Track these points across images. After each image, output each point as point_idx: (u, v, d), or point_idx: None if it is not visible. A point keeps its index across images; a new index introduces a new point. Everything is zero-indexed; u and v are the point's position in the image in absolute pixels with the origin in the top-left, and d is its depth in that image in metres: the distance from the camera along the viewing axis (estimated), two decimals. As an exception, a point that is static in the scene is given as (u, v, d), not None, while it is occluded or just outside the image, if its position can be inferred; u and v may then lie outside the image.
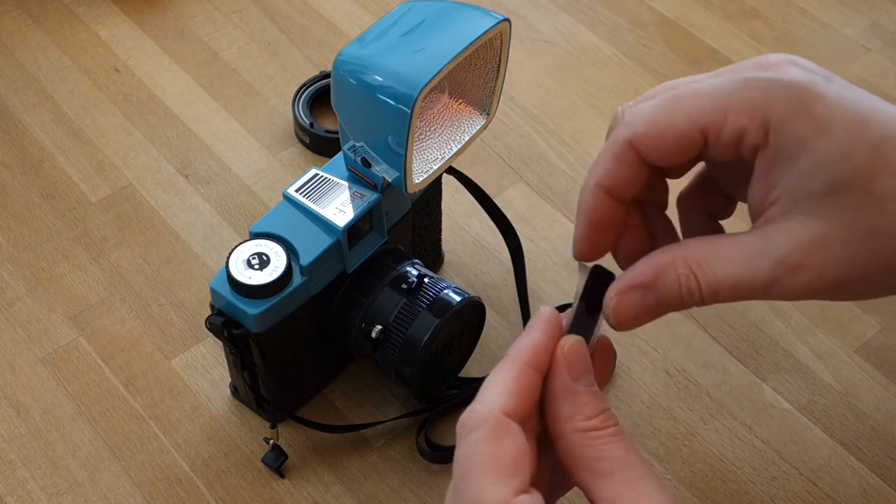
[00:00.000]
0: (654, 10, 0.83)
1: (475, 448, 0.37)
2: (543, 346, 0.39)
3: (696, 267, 0.38)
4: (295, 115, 0.72)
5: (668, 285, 0.38)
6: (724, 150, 0.38)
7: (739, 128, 0.37)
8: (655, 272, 0.39)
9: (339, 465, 0.57)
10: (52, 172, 0.70)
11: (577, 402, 0.38)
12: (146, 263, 0.65)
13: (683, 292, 0.38)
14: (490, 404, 0.38)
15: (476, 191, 0.62)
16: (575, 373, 0.39)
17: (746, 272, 0.37)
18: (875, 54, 0.80)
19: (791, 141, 0.36)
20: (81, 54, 0.78)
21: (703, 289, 0.38)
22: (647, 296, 0.39)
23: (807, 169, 0.36)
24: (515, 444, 0.37)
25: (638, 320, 0.40)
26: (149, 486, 0.56)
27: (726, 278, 0.37)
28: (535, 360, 0.39)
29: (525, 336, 0.40)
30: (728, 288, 0.37)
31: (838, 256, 0.36)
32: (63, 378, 0.60)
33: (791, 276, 0.36)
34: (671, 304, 0.39)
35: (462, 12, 0.49)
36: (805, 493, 0.56)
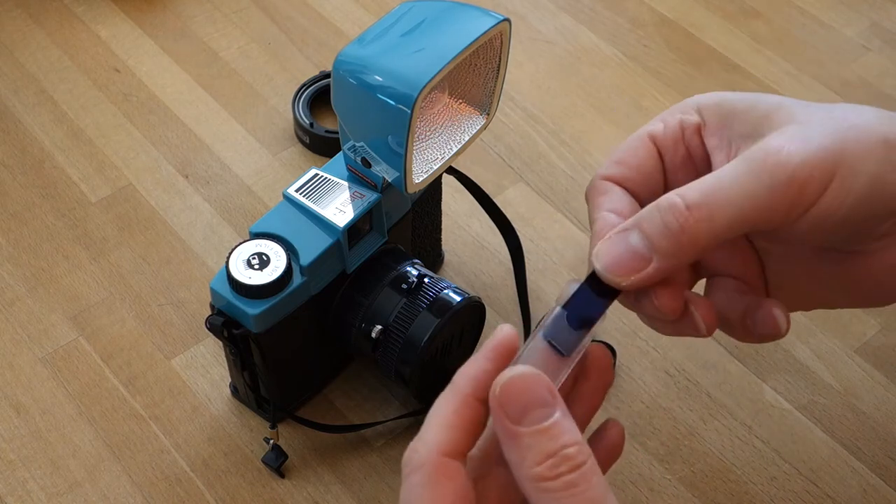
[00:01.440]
0: (654, 10, 0.83)
1: (414, 493, 0.35)
2: (489, 376, 0.36)
3: (678, 190, 0.37)
4: (295, 115, 0.72)
5: (650, 216, 0.37)
6: (675, 150, 0.41)
7: (678, 120, 0.41)
8: (638, 214, 0.38)
9: (339, 465, 0.57)
10: (52, 172, 0.70)
11: (521, 447, 0.34)
12: (146, 263, 0.65)
13: (665, 215, 0.36)
14: (430, 443, 0.36)
15: (476, 191, 0.62)
16: (514, 413, 0.34)
17: (731, 171, 0.36)
18: (875, 54, 0.80)
19: (723, 103, 0.41)
20: (81, 54, 0.78)
21: (686, 198, 0.36)
22: (631, 236, 0.37)
23: (745, 109, 0.40)
24: (453, 488, 0.35)
25: (626, 266, 0.37)
26: (149, 486, 0.56)
27: (709, 183, 0.36)
28: (479, 390, 0.36)
29: (470, 362, 0.37)
30: (716, 193, 0.36)
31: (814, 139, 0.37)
32: (63, 378, 0.60)
33: (776, 155, 0.36)
34: (661, 240, 0.36)
35: (462, 12, 0.49)
36: (805, 493, 0.56)
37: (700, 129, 0.41)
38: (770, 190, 0.36)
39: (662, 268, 0.37)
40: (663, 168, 0.42)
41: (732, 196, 0.36)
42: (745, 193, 0.36)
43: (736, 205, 0.36)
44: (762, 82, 0.78)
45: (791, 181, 0.36)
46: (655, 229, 0.37)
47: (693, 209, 0.36)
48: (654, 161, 0.42)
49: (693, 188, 0.37)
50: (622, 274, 0.37)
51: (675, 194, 0.37)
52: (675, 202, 0.36)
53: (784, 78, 0.78)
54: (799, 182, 0.36)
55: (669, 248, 0.36)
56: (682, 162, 0.42)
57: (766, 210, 0.36)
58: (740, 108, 0.40)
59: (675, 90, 0.77)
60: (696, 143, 0.41)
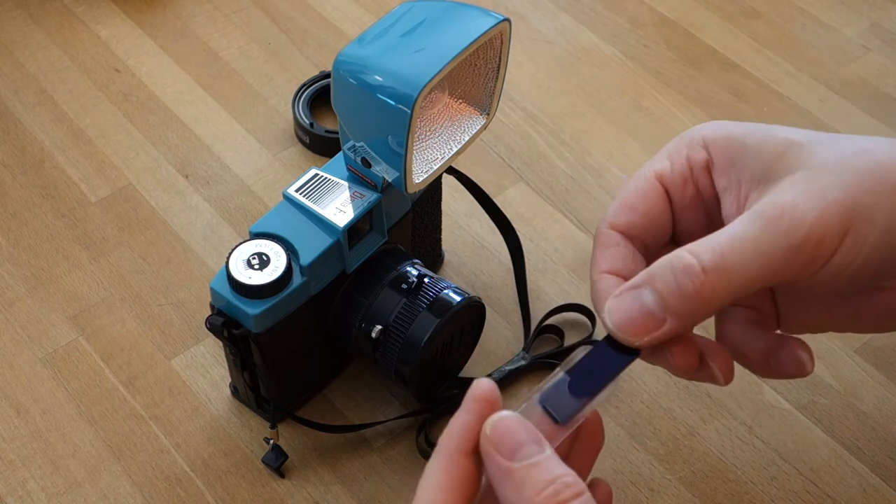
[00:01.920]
0: (654, 10, 0.83)
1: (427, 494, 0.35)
2: (472, 429, 0.36)
3: (690, 248, 0.36)
4: (295, 115, 0.72)
5: (663, 275, 0.36)
6: (684, 190, 0.41)
7: (685, 157, 0.40)
8: (649, 269, 0.37)
9: (339, 465, 0.57)
10: (52, 172, 0.70)
11: (516, 481, 0.34)
12: (146, 263, 0.65)
13: (680, 277, 0.35)
14: (447, 441, 0.36)
15: (476, 191, 0.62)
16: (507, 450, 0.35)
17: (746, 230, 0.36)
18: (875, 54, 0.80)
19: (731, 139, 0.40)
20: (81, 54, 0.78)
21: (702, 260, 0.35)
22: (643, 293, 0.37)
23: (754, 155, 0.38)
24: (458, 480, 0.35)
25: (639, 326, 0.37)
26: (149, 486, 0.56)
27: (724, 244, 0.36)
28: (465, 444, 0.36)
29: (452, 421, 0.36)
30: (732, 254, 0.35)
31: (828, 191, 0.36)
32: (63, 378, 0.60)
33: (791, 212, 0.36)
34: (675, 302, 0.36)
35: (462, 12, 0.49)
36: (805, 493, 0.56)
37: (709, 166, 0.40)
38: (786, 250, 0.35)
39: (676, 328, 0.36)
40: (672, 209, 0.42)
41: (748, 257, 0.35)
42: (761, 254, 0.35)
43: (752, 266, 0.35)
44: (762, 82, 0.78)
45: (807, 240, 0.35)
46: (669, 290, 0.36)
47: (709, 272, 0.35)
48: (662, 204, 0.41)
49: (707, 248, 0.36)
50: (635, 334, 0.37)
51: (690, 254, 0.36)
52: (691, 265, 0.35)
53: (784, 78, 0.78)
54: (815, 240, 0.35)
55: (684, 309, 0.36)
56: (691, 202, 0.41)
57: (782, 269, 0.36)
58: (750, 146, 0.39)
59: (675, 90, 0.77)
60: (706, 182, 0.41)
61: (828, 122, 0.75)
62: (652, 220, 0.41)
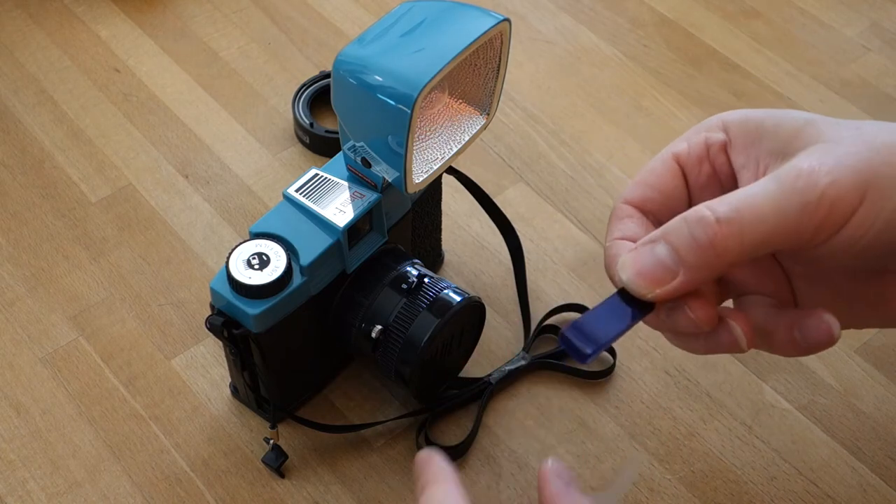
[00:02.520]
0: (654, 10, 0.83)
1: None
2: None
3: (707, 203, 0.36)
4: (295, 115, 0.72)
5: (677, 228, 0.36)
6: (700, 168, 0.41)
7: (703, 138, 0.41)
8: (665, 226, 0.37)
9: (339, 465, 0.57)
10: (52, 172, 0.70)
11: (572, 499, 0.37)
12: (146, 263, 0.65)
13: (694, 228, 0.36)
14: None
15: (476, 191, 0.62)
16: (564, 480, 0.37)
17: (762, 188, 0.36)
18: (875, 54, 0.80)
19: (749, 121, 0.40)
20: (81, 54, 0.78)
21: (716, 212, 0.36)
22: (658, 247, 0.37)
23: (772, 131, 0.39)
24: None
25: (652, 277, 0.37)
26: (149, 486, 0.56)
27: (739, 198, 0.36)
28: None
29: None
30: (747, 209, 0.36)
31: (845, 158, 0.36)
32: (63, 378, 0.60)
33: (808, 173, 0.36)
34: (689, 253, 0.36)
35: (462, 12, 0.49)
36: (805, 493, 0.56)
37: (726, 146, 0.41)
38: (800, 209, 0.36)
39: (689, 281, 0.36)
40: (687, 188, 0.42)
41: (763, 212, 0.36)
42: (776, 210, 0.36)
43: (766, 221, 0.36)
44: (762, 82, 0.78)
45: (821, 201, 0.36)
46: (683, 242, 0.36)
47: (723, 223, 0.36)
48: (678, 181, 0.42)
49: (723, 202, 0.36)
50: (648, 285, 0.37)
51: (705, 207, 0.36)
52: (705, 215, 0.36)
53: (784, 78, 0.78)
54: (828, 202, 0.36)
55: (697, 261, 0.36)
56: (707, 181, 0.42)
57: (795, 229, 0.36)
58: (768, 125, 0.40)
59: (675, 90, 0.77)
60: (722, 161, 0.41)
61: (828, 122, 0.75)
62: (666, 195, 0.42)
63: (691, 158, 0.42)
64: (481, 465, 0.57)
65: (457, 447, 0.57)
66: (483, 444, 0.58)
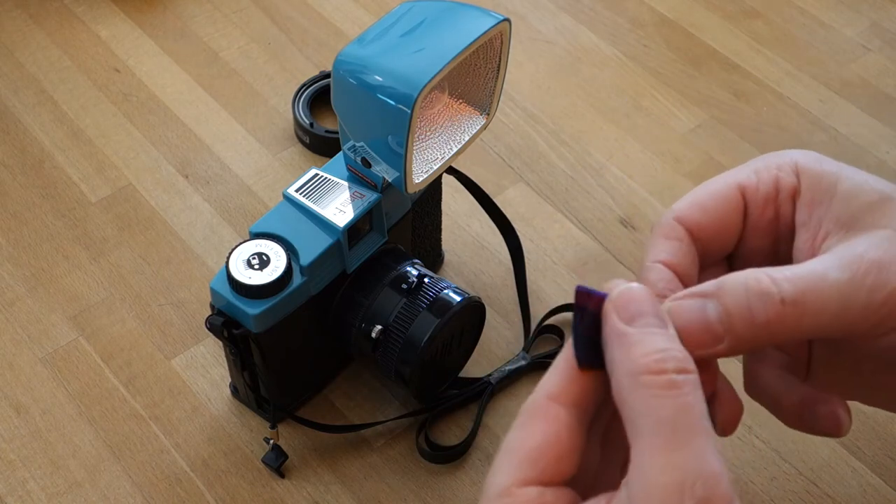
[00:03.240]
0: (654, 10, 0.83)
1: (510, 432, 0.34)
2: None
3: (770, 273, 0.34)
4: (295, 115, 0.72)
5: (735, 293, 0.34)
6: (764, 210, 0.39)
7: (775, 177, 0.38)
8: (720, 281, 0.35)
9: (339, 465, 0.57)
10: (52, 172, 0.70)
11: (626, 343, 0.33)
12: (146, 263, 0.65)
13: (754, 301, 0.33)
14: (540, 389, 0.35)
15: (476, 191, 0.62)
16: (627, 315, 0.33)
17: (832, 273, 0.34)
18: (875, 54, 0.80)
19: (824, 176, 0.38)
20: (81, 54, 0.78)
21: (782, 290, 0.33)
22: (710, 306, 0.34)
23: (845, 198, 0.37)
24: (545, 430, 0.33)
25: (697, 338, 0.34)
26: (149, 486, 0.56)
27: (807, 279, 0.34)
28: None
29: None
30: (814, 294, 0.33)
31: None
32: (63, 378, 0.60)
33: (878, 270, 0.34)
34: (741, 325, 0.34)
35: (462, 12, 0.49)
36: (805, 493, 0.56)
37: (795, 194, 0.39)
38: (865, 306, 0.34)
39: (730, 350, 0.35)
40: (744, 225, 0.40)
41: (827, 301, 0.34)
42: (840, 302, 0.34)
43: (828, 312, 0.34)
44: (762, 82, 0.78)
45: (886, 301, 0.34)
46: (739, 311, 0.34)
47: (787, 305, 0.33)
48: (737, 216, 0.39)
49: (788, 279, 0.34)
50: (690, 345, 0.34)
51: (768, 278, 0.34)
52: (770, 291, 0.34)
53: (784, 78, 0.78)
54: (893, 304, 0.34)
55: (747, 334, 0.34)
56: (767, 225, 0.39)
57: (855, 323, 0.34)
58: (842, 190, 0.37)
59: (675, 90, 0.77)
60: (788, 210, 0.39)
61: (828, 121, 0.75)
62: (721, 228, 0.39)
63: (758, 196, 0.39)
64: (481, 464, 0.57)
65: (457, 447, 0.57)
66: (483, 444, 0.58)
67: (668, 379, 0.32)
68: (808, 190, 0.38)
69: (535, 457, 0.33)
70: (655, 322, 0.33)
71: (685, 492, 0.30)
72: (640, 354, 0.32)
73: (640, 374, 0.32)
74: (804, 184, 0.38)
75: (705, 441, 0.31)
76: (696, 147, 0.73)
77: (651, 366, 0.32)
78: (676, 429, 0.31)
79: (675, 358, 0.32)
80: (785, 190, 0.39)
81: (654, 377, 0.32)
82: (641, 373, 0.32)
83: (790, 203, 0.39)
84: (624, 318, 0.33)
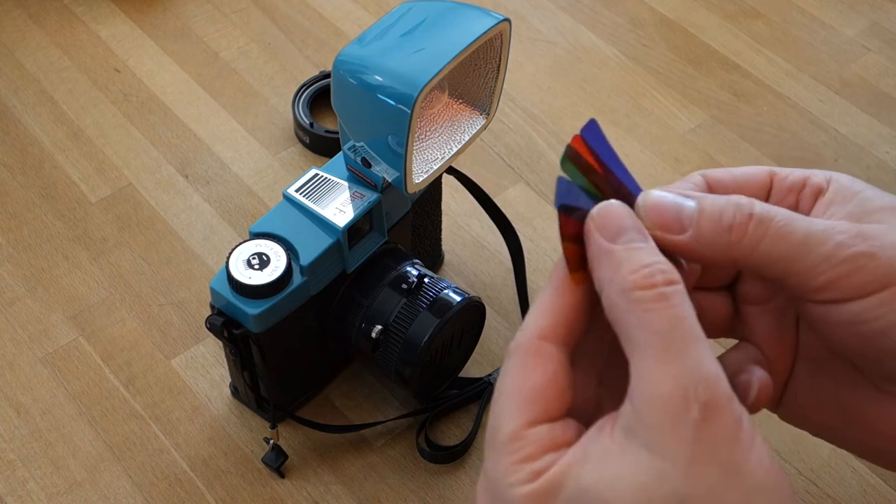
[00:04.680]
0: (654, 10, 0.83)
1: (504, 376, 0.35)
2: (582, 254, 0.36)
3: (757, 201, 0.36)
4: (295, 115, 0.72)
5: (716, 199, 0.35)
6: (786, 196, 0.39)
7: (805, 174, 0.39)
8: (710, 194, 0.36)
9: (339, 465, 0.57)
10: (52, 172, 0.70)
11: (614, 262, 0.34)
12: (146, 263, 0.65)
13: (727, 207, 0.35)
14: (528, 328, 0.35)
15: (476, 191, 0.62)
16: (609, 233, 0.34)
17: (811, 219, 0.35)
18: (875, 54, 0.80)
19: (850, 186, 0.38)
20: (81, 54, 0.78)
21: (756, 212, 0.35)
22: (688, 200, 0.35)
23: (863, 200, 0.37)
24: (543, 370, 0.34)
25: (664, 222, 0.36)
26: (149, 486, 0.56)
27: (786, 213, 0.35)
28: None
29: None
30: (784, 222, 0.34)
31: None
32: (63, 378, 0.60)
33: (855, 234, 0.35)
34: (707, 222, 0.35)
35: (462, 12, 0.49)
36: (805, 493, 0.56)
37: (819, 194, 0.39)
38: (826, 256, 0.35)
39: (689, 246, 0.35)
40: (766, 198, 0.40)
41: (793, 233, 0.35)
42: (805, 239, 0.35)
43: (789, 243, 0.35)
44: (762, 82, 0.78)
45: (847, 260, 0.34)
46: (711, 211, 0.35)
47: (755, 220, 0.35)
48: (759, 193, 0.40)
49: (769, 206, 0.35)
50: (654, 221, 0.36)
51: (753, 201, 0.35)
52: (744, 204, 0.35)
53: (784, 78, 0.78)
54: (855, 265, 0.34)
55: (709, 235, 0.35)
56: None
57: (807, 268, 0.35)
58: (863, 197, 0.38)
59: (675, 90, 0.77)
60: (808, 205, 0.40)
61: (828, 121, 0.75)
62: (743, 185, 0.40)
63: (785, 184, 0.40)
64: (481, 464, 0.57)
65: (457, 447, 0.57)
66: (483, 445, 0.58)
67: (658, 292, 0.33)
68: (833, 193, 0.39)
69: (538, 397, 0.34)
70: (638, 237, 0.34)
71: (689, 397, 0.31)
72: (628, 271, 0.33)
73: (631, 291, 0.33)
74: (831, 188, 0.39)
75: (700, 346, 0.32)
76: (696, 147, 0.73)
77: (640, 281, 0.33)
78: (672, 339, 0.32)
79: (661, 271, 0.33)
80: (811, 186, 0.39)
81: (644, 292, 0.33)
82: (632, 289, 0.33)
83: (812, 199, 0.39)
84: (607, 235, 0.34)
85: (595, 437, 0.33)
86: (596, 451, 0.33)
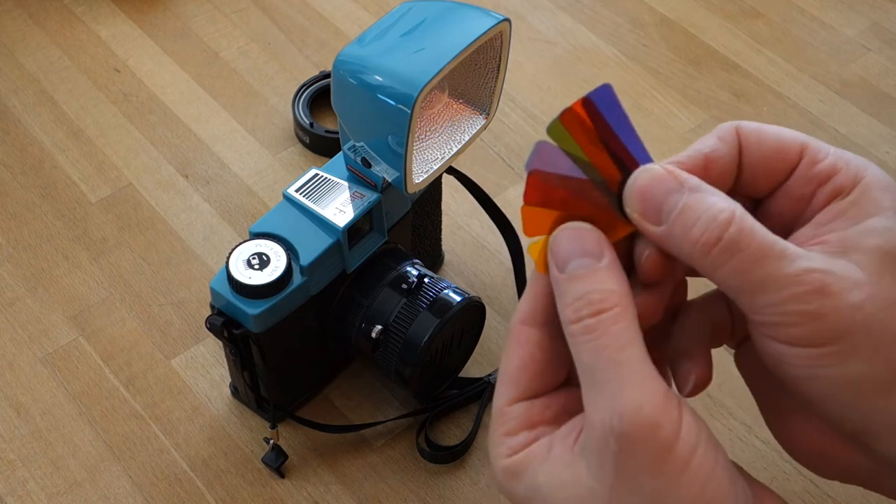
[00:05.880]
0: (654, 10, 0.83)
1: (500, 362, 0.38)
2: None
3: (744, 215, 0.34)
4: (295, 115, 0.72)
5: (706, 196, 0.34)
6: (804, 185, 0.37)
7: (834, 166, 0.37)
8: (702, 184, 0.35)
9: (339, 465, 0.57)
10: (52, 172, 0.70)
11: (559, 292, 0.35)
12: (146, 263, 0.65)
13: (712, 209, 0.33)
14: (514, 315, 0.38)
15: (476, 191, 0.62)
16: (558, 262, 0.35)
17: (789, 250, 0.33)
18: (875, 54, 0.80)
19: (873, 201, 0.36)
20: (81, 54, 0.78)
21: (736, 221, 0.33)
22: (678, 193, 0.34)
23: (876, 227, 0.35)
24: (520, 353, 0.37)
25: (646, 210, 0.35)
26: (149, 486, 0.56)
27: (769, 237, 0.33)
28: None
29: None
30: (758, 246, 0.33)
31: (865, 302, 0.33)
32: (63, 378, 0.60)
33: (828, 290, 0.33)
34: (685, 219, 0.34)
35: (462, 12, 0.49)
36: (805, 493, 0.56)
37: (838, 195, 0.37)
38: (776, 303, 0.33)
39: (662, 240, 0.35)
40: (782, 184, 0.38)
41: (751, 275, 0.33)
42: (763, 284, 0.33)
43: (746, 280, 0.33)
44: (762, 82, 0.78)
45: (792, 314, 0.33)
46: (687, 216, 0.34)
47: (722, 244, 0.33)
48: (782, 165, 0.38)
49: (754, 224, 0.33)
50: (635, 208, 0.35)
51: (733, 218, 0.33)
52: (719, 222, 0.33)
53: (784, 78, 0.78)
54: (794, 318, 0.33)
55: (676, 237, 0.34)
56: (796, 202, 0.38)
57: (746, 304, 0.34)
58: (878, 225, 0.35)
59: (675, 90, 0.77)
60: (820, 203, 0.37)
61: (828, 121, 0.75)
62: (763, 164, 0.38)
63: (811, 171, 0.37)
64: (481, 464, 0.57)
65: (457, 447, 0.57)
66: (483, 444, 0.58)
67: (584, 325, 0.34)
68: (851, 201, 0.36)
69: (518, 376, 0.37)
70: (581, 263, 0.35)
71: (606, 430, 0.33)
72: (563, 305, 0.35)
73: (566, 324, 0.34)
74: (854, 194, 0.36)
75: (622, 375, 0.33)
76: (696, 147, 0.73)
77: (570, 315, 0.34)
78: (595, 371, 0.33)
79: (590, 302, 0.34)
80: (833, 185, 0.37)
81: (574, 326, 0.34)
82: (566, 322, 0.34)
83: (826, 199, 0.37)
84: (557, 263, 0.35)
85: (563, 438, 0.35)
86: (556, 454, 0.35)
